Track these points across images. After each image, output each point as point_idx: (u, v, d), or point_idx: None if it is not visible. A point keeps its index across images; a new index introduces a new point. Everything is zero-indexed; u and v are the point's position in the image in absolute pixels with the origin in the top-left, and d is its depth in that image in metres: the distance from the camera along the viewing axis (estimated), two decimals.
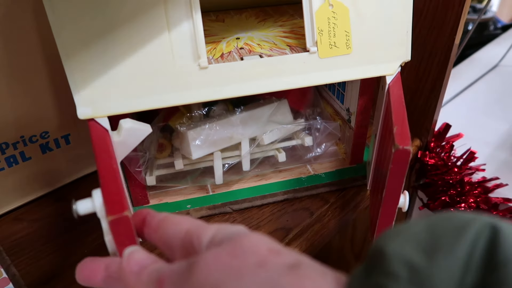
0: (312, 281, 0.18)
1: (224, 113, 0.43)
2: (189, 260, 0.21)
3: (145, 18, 0.31)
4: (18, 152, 0.43)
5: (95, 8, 0.30)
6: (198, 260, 0.20)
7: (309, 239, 0.42)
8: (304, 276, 0.18)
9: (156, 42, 0.32)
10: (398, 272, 0.16)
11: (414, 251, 0.16)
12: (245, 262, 0.19)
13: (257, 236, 0.20)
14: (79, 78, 0.32)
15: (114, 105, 0.33)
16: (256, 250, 0.19)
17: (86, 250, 0.41)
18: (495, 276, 0.14)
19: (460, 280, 0.15)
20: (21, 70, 0.40)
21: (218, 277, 0.18)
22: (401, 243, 0.17)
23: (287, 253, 0.20)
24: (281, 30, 0.42)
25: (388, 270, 0.16)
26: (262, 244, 0.20)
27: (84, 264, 0.25)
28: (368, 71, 0.38)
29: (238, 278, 0.18)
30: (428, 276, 0.15)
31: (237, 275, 0.18)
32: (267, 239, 0.21)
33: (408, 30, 0.38)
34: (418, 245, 0.16)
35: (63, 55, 0.31)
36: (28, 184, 0.46)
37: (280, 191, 0.46)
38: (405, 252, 0.16)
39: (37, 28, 0.39)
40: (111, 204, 0.24)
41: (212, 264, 0.19)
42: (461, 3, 0.45)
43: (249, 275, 0.18)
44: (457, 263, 0.15)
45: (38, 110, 0.43)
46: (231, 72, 0.34)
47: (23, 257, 0.41)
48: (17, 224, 0.44)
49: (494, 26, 1.24)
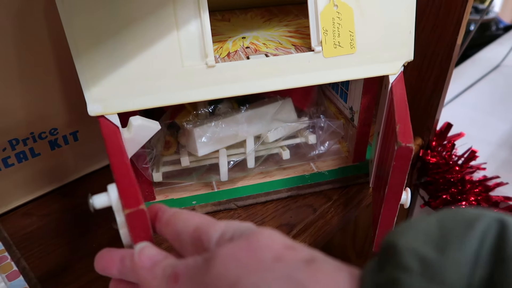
0: (328, 275, 0.18)
1: (230, 111, 0.44)
2: (204, 255, 0.21)
3: (154, 17, 0.32)
4: (28, 148, 0.44)
5: (105, 6, 0.31)
6: (215, 255, 0.20)
7: (312, 235, 0.43)
8: (320, 270, 0.18)
9: (164, 41, 0.33)
10: (410, 265, 0.16)
11: (426, 245, 0.16)
12: (262, 257, 0.19)
13: (270, 232, 0.21)
14: (90, 75, 0.33)
15: (123, 102, 0.34)
16: (271, 245, 0.20)
17: (95, 244, 0.42)
18: (503, 268, 0.15)
19: (470, 273, 0.15)
20: (31, 68, 0.41)
21: (236, 272, 0.19)
22: (413, 237, 0.17)
23: (301, 249, 0.20)
24: (286, 30, 0.43)
25: (400, 263, 0.16)
26: (276, 239, 0.20)
27: (101, 255, 0.26)
28: (372, 71, 0.38)
29: (256, 272, 0.19)
30: (439, 269, 0.16)
31: (255, 269, 0.19)
32: (281, 235, 0.21)
33: (411, 31, 0.38)
34: (429, 239, 0.17)
35: (74, 53, 0.32)
36: (37, 179, 0.47)
37: (284, 188, 0.47)
38: (416, 246, 0.17)
39: (48, 27, 0.40)
40: (127, 198, 0.25)
41: (229, 259, 0.20)
42: (463, 4, 0.45)
43: (267, 269, 0.19)
44: (467, 256, 0.16)
45: (47, 107, 0.44)
46: (238, 71, 0.35)
47: (33, 250, 0.42)
48: (26, 219, 0.45)
49: (496, 27, 1.25)
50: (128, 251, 0.25)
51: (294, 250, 0.20)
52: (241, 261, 0.19)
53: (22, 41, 0.39)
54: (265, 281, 0.18)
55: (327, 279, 0.18)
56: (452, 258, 0.16)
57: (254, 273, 0.19)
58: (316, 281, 0.18)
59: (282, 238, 0.21)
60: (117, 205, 0.26)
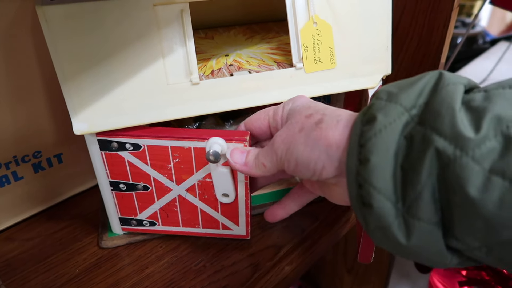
0: (330, 129, 0.29)
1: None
2: (270, 144, 0.33)
3: (139, 38, 0.35)
4: (10, 172, 0.46)
5: (90, 31, 0.34)
6: (273, 142, 0.33)
7: (300, 255, 0.45)
8: (324, 128, 0.29)
9: (149, 60, 0.36)
10: (381, 95, 0.27)
11: (392, 87, 0.27)
12: (294, 131, 0.31)
13: (301, 108, 0.33)
14: (76, 97, 0.35)
15: (109, 121, 0.36)
16: (298, 120, 0.32)
17: (78, 269, 0.44)
18: (437, 94, 0.25)
19: (416, 99, 0.25)
20: (15, 91, 0.43)
21: (284, 146, 0.31)
22: (387, 86, 0.28)
23: (315, 113, 0.31)
24: (268, 47, 0.47)
25: (376, 97, 0.27)
26: (302, 113, 0.32)
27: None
28: (351, 85, 0.42)
29: (292, 143, 0.31)
30: (396, 97, 0.26)
31: (291, 142, 0.31)
32: (308, 105, 0.33)
33: (388, 46, 0.42)
34: (395, 86, 0.27)
35: (59, 74, 0.34)
36: (20, 203, 0.49)
37: (268, 202, 0.49)
38: (387, 88, 0.27)
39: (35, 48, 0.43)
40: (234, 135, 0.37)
41: (278, 140, 0.32)
42: (445, 23, 0.50)
43: (296, 139, 0.31)
44: (415, 91, 0.26)
45: (31, 130, 0.46)
46: (222, 88, 0.38)
47: (14, 277, 0.43)
48: (8, 244, 0.47)
49: (483, 40, 1.31)
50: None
51: (310, 117, 0.31)
52: (284, 138, 0.32)
53: (7, 63, 0.42)
54: (296, 145, 0.30)
55: (329, 131, 0.29)
56: (406, 91, 0.26)
57: (291, 145, 0.31)
58: (321, 135, 0.29)
59: (306, 108, 0.33)
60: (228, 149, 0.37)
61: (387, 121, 0.25)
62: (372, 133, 0.25)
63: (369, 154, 0.25)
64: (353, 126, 0.28)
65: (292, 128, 0.32)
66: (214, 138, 0.37)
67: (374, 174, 0.25)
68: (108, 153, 0.39)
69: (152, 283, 0.41)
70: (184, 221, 0.44)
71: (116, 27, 0.34)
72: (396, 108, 0.26)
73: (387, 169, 0.25)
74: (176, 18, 0.35)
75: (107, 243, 0.46)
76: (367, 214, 0.26)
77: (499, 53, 1.09)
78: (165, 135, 0.38)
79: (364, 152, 0.25)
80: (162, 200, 0.42)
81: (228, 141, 0.37)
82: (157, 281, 0.42)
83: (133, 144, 0.38)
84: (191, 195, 0.42)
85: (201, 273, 0.42)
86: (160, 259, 0.44)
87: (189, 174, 0.40)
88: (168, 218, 0.44)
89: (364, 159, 0.25)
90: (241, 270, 0.43)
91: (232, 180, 0.39)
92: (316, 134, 0.29)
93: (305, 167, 0.30)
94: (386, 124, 0.25)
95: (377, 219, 0.25)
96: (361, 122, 0.27)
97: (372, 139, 0.25)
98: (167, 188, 0.41)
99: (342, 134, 0.28)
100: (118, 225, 0.45)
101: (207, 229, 0.45)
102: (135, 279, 0.42)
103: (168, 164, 0.40)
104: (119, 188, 0.42)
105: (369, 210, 0.25)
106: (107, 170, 0.40)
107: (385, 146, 0.25)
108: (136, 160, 0.40)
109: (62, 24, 0.33)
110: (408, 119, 0.25)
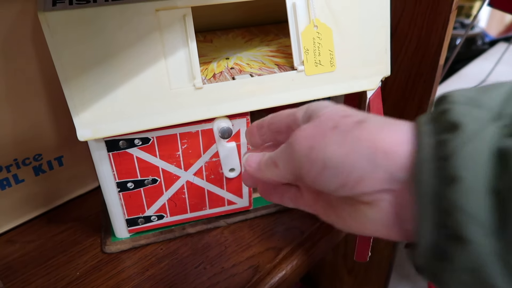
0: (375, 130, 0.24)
1: None
2: (287, 141, 0.28)
3: (141, 43, 0.36)
4: (11, 175, 0.47)
5: (93, 36, 0.34)
6: (292, 138, 0.27)
7: (300, 257, 0.46)
8: (369, 128, 0.24)
9: (152, 66, 0.37)
10: (458, 99, 0.22)
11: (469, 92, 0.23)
12: (324, 128, 0.26)
13: (333, 108, 0.28)
14: (78, 101, 0.36)
15: (113, 127, 0.37)
16: (332, 117, 0.26)
17: (79, 272, 0.44)
18: None
19: (502, 106, 0.22)
20: (16, 94, 0.44)
21: (306, 143, 0.26)
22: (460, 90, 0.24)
23: (356, 114, 0.26)
24: (268, 50, 0.48)
25: (451, 100, 0.23)
26: (337, 112, 0.27)
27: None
28: (351, 87, 0.43)
29: (321, 139, 0.25)
30: (479, 101, 0.22)
31: (319, 138, 0.25)
32: (342, 108, 0.28)
33: (387, 48, 0.43)
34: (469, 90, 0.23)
35: (62, 79, 0.35)
36: (21, 206, 0.49)
37: (271, 204, 0.50)
38: (463, 92, 0.23)
39: (36, 52, 0.44)
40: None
41: (302, 136, 0.26)
42: (444, 25, 0.51)
43: (327, 135, 0.25)
44: (500, 95, 0.22)
45: (32, 133, 0.47)
46: (224, 91, 0.40)
47: (15, 280, 0.44)
48: (10, 246, 0.47)
49: (482, 41, 1.33)
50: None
51: (348, 117, 0.26)
52: (309, 134, 0.26)
53: (8, 67, 0.43)
54: (327, 143, 0.25)
55: (376, 133, 0.24)
56: (489, 95, 0.22)
57: (318, 141, 0.25)
58: (365, 136, 0.24)
59: (342, 110, 0.27)
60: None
61: (476, 129, 0.21)
62: (459, 143, 0.20)
63: (459, 170, 0.20)
64: (417, 132, 0.23)
65: (321, 124, 0.26)
66: (220, 118, 0.41)
67: (470, 198, 0.20)
68: (116, 153, 0.40)
69: (153, 285, 0.42)
70: (192, 206, 0.46)
71: (118, 33, 0.35)
72: (482, 113, 0.21)
73: (481, 192, 0.20)
74: (178, 23, 0.36)
75: (110, 248, 0.46)
76: (453, 251, 0.21)
77: (498, 54, 1.10)
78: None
79: (450, 168, 0.20)
80: (170, 190, 0.44)
81: (232, 118, 0.41)
82: (157, 283, 0.42)
83: (142, 138, 0.40)
84: (198, 178, 0.45)
85: (202, 275, 0.43)
86: (161, 261, 0.45)
87: (196, 158, 0.43)
88: (176, 207, 0.46)
89: (450, 176, 0.20)
90: (241, 272, 0.43)
91: (238, 154, 0.43)
92: (358, 133, 0.24)
93: (334, 174, 0.24)
94: (476, 132, 0.20)
95: (469, 258, 0.20)
96: (435, 128, 0.22)
97: (460, 151, 0.20)
98: (175, 177, 0.44)
99: (394, 139, 0.23)
100: (123, 229, 0.46)
101: (214, 208, 0.48)
102: (136, 281, 0.43)
103: (177, 152, 0.42)
104: (127, 187, 0.43)
105: (459, 245, 0.20)
106: (114, 171, 0.41)
107: (478, 161, 0.20)
108: (145, 154, 0.41)
109: (65, 30, 0.33)
110: (500, 126, 0.21)
